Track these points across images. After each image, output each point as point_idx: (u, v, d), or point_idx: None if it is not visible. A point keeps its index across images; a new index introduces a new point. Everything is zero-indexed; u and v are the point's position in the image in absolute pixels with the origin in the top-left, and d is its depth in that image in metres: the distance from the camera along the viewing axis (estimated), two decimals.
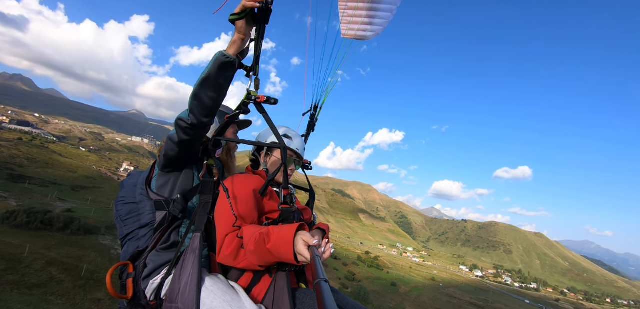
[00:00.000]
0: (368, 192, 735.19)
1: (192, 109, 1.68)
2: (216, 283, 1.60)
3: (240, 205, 1.73)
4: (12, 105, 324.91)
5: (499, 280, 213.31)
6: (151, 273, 1.74)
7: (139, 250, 1.80)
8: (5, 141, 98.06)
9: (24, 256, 37.20)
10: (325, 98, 3.12)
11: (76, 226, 51.32)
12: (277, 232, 1.49)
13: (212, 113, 1.73)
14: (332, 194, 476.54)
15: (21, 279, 33.40)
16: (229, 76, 1.68)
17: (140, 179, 2.00)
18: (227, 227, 1.67)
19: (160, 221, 1.82)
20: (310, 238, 1.36)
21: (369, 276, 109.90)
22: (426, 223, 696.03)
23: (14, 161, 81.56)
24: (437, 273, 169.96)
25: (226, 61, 1.63)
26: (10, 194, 61.44)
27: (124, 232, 1.90)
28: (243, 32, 1.69)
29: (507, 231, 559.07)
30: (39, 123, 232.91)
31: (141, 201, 1.90)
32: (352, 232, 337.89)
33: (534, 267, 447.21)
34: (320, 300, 0.82)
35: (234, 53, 1.68)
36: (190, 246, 1.67)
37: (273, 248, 1.45)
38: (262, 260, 1.53)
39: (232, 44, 1.69)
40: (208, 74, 1.62)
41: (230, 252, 1.61)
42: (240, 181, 1.85)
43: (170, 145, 1.82)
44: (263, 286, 1.65)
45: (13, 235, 41.16)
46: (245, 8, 1.64)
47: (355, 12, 3.27)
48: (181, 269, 1.61)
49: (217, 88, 1.65)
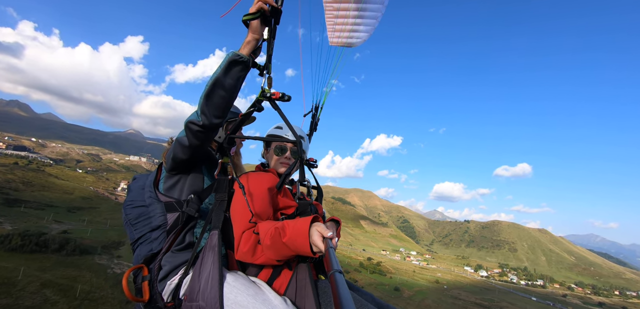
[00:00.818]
0: (369, 198, 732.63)
1: (203, 110, 1.66)
2: (237, 278, 1.61)
3: (256, 202, 1.74)
4: (9, 131, 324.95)
5: (505, 279, 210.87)
6: (168, 275, 1.74)
7: (152, 253, 1.79)
8: (1, 166, 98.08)
9: (18, 279, 36.76)
10: (325, 99, 3.25)
11: (71, 247, 50.86)
12: (292, 225, 1.51)
13: (224, 114, 1.73)
14: (332, 202, 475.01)
15: (15, 302, 32.96)
16: (242, 76, 1.68)
17: (147, 182, 2.00)
18: (244, 224, 1.68)
19: (174, 222, 1.81)
20: (325, 230, 1.39)
21: (372, 282, 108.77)
22: (429, 226, 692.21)
23: (9, 185, 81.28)
24: (441, 275, 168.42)
25: (240, 61, 1.64)
26: (6, 219, 61.02)
27: (135, 236, 1.89)
28: (258, 32, 1.71)
29: (511, 229, 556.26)
30: (35, 147, 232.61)
31: (151, 203, 1.90)
32: (354, 239, 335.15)
33: (539, 264, 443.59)
34: (335, 291, 0.83)
35: (248, 53, 1.69)
36: (209, 244, 1.67)
37: (289, 241, 1.47)
38: (279, 254, 1.54)
39: (246, 44, 1.70)
40: (220, 74, 1.62)
41: (248, 249, 1.62)
42: (256, 178, 1.86)
43: (180, 148, 1.80)
44: (284, 279, 1.67)
45: (7, 259, 40.74)
46: (260, 8, 1.66)
47: (342, 21, 3.38)
48: (200, 267, 1.61)
49: (230, 88, 1.66)
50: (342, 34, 3.43)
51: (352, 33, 3.45)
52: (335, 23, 3.43)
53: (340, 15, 3.37)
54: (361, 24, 3.43)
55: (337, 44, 3.43)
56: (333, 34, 3.47)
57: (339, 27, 3.41)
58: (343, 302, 0.75)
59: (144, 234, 1.87)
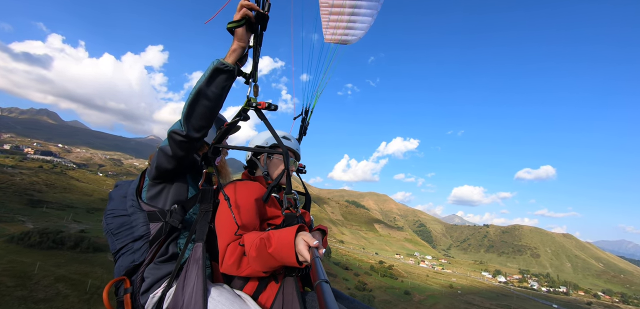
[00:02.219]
0: (384, 202, 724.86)
1: (187, 119, 1.61)
2: (222, 292, 1.56)
3: (242, 214, 1.69)
4: (38, 137, 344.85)
5: (524, 285, 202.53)
6: (150, 287, 1.68)
7: (135, 264, 1.74)
8: (27, 169, 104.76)
9: (34, 273, 39.15)
10: (315, 102, 3.15)
11: (86, 245, 53.54)
12: (277, 235, 1.48)
13: (209, 123, 1.68)
14: (345, 206, 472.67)
15: (29, 294, 35.15)
16: (228, 85, 1.64)
17: (129, 190, 1.92)
18: (229, 236, 1.64)
19: (157, 233, 1.76)
20: (311, 239, 1.36)
21: (382, 285, 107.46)
22: (446, 231, 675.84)
23: (33, 187, 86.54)
24: (456, 280, 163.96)
25: (224, 70, 1.58)
26: (29, 218, 65.02)
27: (117, 246, 1.82)
28: (243, 40, 1.66)
29: (533, 234, 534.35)
30: (61, 152, 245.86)
31: (133, 212, 1.83)
32: (368, 243, 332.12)
33: (564, 270, 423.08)
34: (321, 301, 0.82)
35: (233, 62, 1.63)
36: (193, 257, 1.60)
37: (274, 252, 1.44)
38: (265, 265, 1.51)
39: (232, 52, 1.64)
40: (204, 83, 1.57)
41: (233, 261, 1.58)
42: (242, 188, 1.81)
43: (163, 157, 1.74)
44: (270, 292, 1.63)
45: (26, 254, 43.47)
46: (245, 15, 1.62)
47: (337, 18, 3.36)
48: (184, 280, 1.56)
49: (214, 98, 1.60)
50: (336, 31, 3.39)
51: (347, 30, 3.41)
52: (329, 19, 3.40)
53: (335, 12, 3.34)
54: (357, 22, 3.40)
55: (331, 41, 3.37)
56: (328, 31, 3.42)
57: (333, 23, 3.38)
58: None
59: (126, 244, 1.81)
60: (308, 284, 1.84)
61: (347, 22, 3.38)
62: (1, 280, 35.36)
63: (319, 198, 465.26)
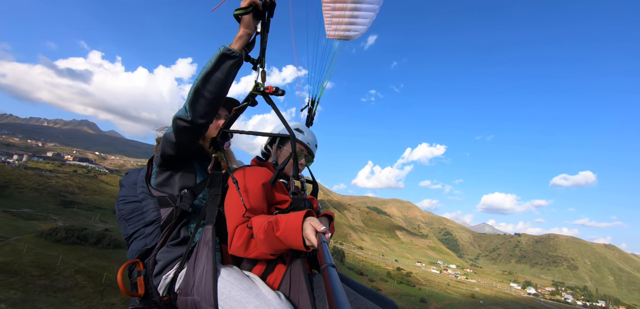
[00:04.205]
0: (408, 209, 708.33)
1: (192, 105, 1.62)
2: (231, 272, 1.60)
3: (250, 197, 1.74)
4: (78, 146, 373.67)
5: (557, 298, 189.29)
6: (163, 269, 1.73)
7: (147, 248, 1.79)
8: (63, 173, 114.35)
9: (56, 265, 42.86)
10: (321, 93, 3.22)
11: (107, 241, 57.59)
12: (285, 219, 1.51)
13: (214, 110, 1.69)
14: (366, 212, 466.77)
15: (50, 283, 38.62)
16: (234, 72, 1.65)
17: (139, 177, 1.98)
18: (238, 219, 1.68)
19: (168, 217, 1.81)
20: (318, 224, 1.39)
21: (397, 291, 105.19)
22: (474, 239, 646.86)
23: (66, 189, 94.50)
24: (479, 290, 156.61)
25: (231, 55, 1.59)
26: (60, 217, 71.00)
27: (129, 231, 1.88)
28: (250, 27, 1.67)
29: (570, 244, 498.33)
30: (97, 159, 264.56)
31: (143, 198, 1.88)
32: (388, 249, 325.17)
33: (606, 284, 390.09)
34: (327, 285, 0.84)
35: (240, 48, 1.64)
36: (203, 239, 1.66)
37: (282, 235, 1.47)
38: (272, 248, 1.55)
39: (239, 39, 1.66)
40: (211, 68, 1.57)
41: (242, 243, 1.62)
42: (250, 173, 1.86)
43: (167, 144, 1.77)
44: (278, 273, 1.67)
45: (52, 248, 47.71)
46: (252, 3, 1.64)
47: (340, 14, 3.38)
48: (195, 261, 1.61)
49: (220, 84, 1.60)
50: (339, 27, 3.41)
51: (349, 26, 3.43)
52: (332, 15, 3.42)
53: (337, 8, 3.37)
54: (359, 17, 3.42)
55: (334, 37, 3.41)
56: (330, 27, 3.45)
57: (336, 19, 3.40)
58: (336, 296, 0.77)
59: (138, 229, 1.86)
60: (315, 266, 1.87)
61: (350, 18, 3.40)
62: (27, 270, 39.12)
63: (340, 204, 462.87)
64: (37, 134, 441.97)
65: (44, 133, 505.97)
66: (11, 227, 52.21)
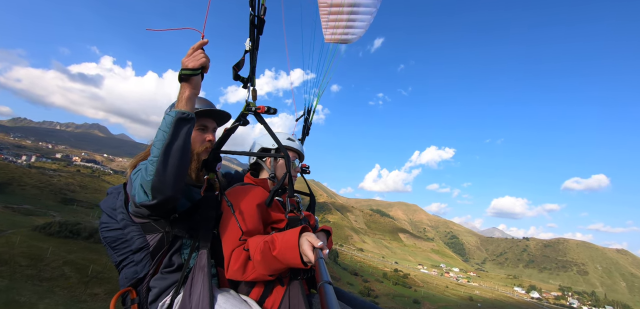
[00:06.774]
0: (414, 212, 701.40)
1: (156, 189, 1.45)
2: (228, 298, 1.56)
3: (247, 219, 1.69)
4: (88, 149, 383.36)
5: (562, 302, 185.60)
6: (158, 297, 1.66)
7: (138, 277, 1.69)
8: (66, 172, 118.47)
9: (46, 256, 44.98)
10: (317, 102, 3.18)
11: (99, 236, 59.90)
12: (281, 238, 1.48)
13: (184, 175, 1.55)
14: (369, 214, 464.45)
15: (37, 273, 40.73)
16: (191, 133, 1.56)
17: (118, 202, 1.78)
18: (234, 242, 1.64)
19: (158, 243, 1.67)
20: (315, 240, 1.36)
21: (390, 292, 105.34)
22: (481, 243, 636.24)
23: (68, 187, 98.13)
24: (479, 293, 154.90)
25: (188, 118, 1.51)
26: (59, 213, 73.85)
27: (117, 259, 1.79)
28: (199, 87, 1.61)
29: (580, 249, 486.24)
30: (105, 161, 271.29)
31: (125, 225, 1.71)
32: (390, 252, 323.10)
33: (618, 290, 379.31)
34: (323, 302, 0.83)
35: (191, 109, 1.56)
36: (198, 264, 1.60)
37: (279, 254, 1.44)
38: (270, 269, 1.51)
39: (188, 99, 1.56)
40: (170, 139, 1.45)
41: (239, 267, 1.58)
42: (244, 194, 1.81)
43: (135, 210, 1.61)
44: (276, 296, 1.63)
45: (45, 241, 49.99)
46: (203, 65, 1.58)
47: (337, 17, 3.37)
48: (191, 288, 1.55)
49: (182, 151, 1.49)
50: (336, 30, 3.40)
51: (347, 29, 3.42)
52: (329, 19, 3.42)
53: (334, 11, 3.36)
54: (356, 21, 3.42)
55: (331, 41, 3.40)
56: (327, 31, 3.43)
57: (332, 23, 3.39)
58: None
59: (127, 256, 1.75)
60: (314, 287, 1.83)
61: (347, 21, 3.39)
62: (17, 260, 41.33)
63: (344, 207, 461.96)
64: (49, 137, 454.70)
65: (56, 136, 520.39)
66: (9, 222, 54.80)
